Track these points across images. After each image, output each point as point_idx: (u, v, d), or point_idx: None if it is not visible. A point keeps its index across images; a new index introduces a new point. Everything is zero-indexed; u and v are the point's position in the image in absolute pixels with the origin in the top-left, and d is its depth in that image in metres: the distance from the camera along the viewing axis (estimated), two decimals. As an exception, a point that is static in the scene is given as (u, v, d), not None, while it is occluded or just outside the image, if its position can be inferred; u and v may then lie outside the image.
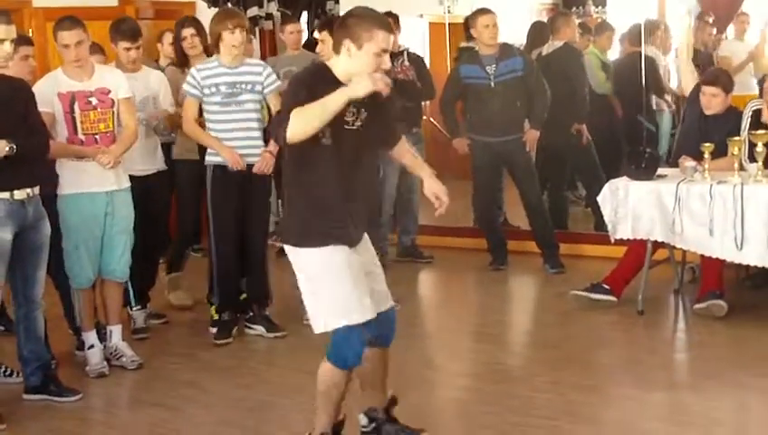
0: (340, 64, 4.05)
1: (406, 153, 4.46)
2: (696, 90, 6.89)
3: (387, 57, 4.03)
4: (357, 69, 3.97)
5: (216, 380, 5.74)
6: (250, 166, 6.17)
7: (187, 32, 6.91)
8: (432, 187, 4.26)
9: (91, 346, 5.81)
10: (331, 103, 3.89)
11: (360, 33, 3.97)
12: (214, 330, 6.48)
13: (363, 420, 4.55)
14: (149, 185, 6.33)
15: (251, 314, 6.51)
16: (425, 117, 8.58)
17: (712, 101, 6.72)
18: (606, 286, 6.68)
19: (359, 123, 4.10)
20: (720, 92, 6.70)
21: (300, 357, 6.07)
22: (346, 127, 4.06)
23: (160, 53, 8.43)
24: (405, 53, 7.91)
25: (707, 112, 6.76)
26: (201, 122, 6.27)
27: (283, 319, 6.54)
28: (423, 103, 8.35)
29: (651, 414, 5.02)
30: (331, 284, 4.08)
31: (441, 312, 7.43)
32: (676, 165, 6.78)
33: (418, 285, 7.88)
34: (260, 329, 6.47)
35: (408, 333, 6.52)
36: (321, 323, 4.13)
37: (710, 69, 7.13)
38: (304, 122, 3.88)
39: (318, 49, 6.54)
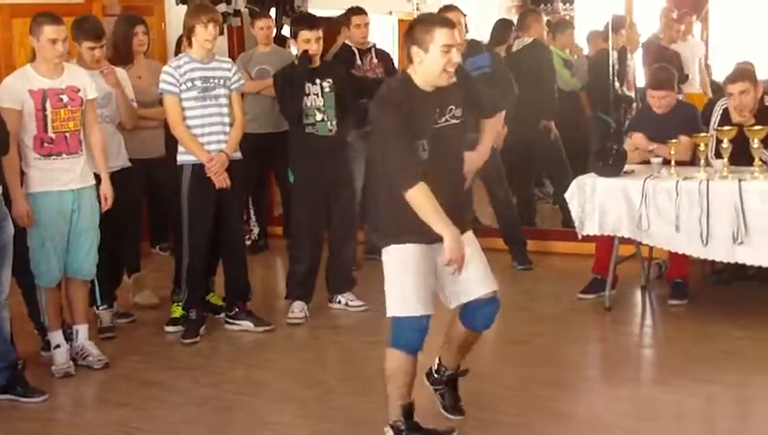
0: (417, 71, 4.29)
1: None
2: None
3: (455, 52, 4.25)
4: (431, 70, 4.23)
5: (183, 379, 5.71)
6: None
7: (140, 29, 6.88)
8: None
9: (57, 346, 5.77)
10: (435, 223, 4.18)
11: (422, 36, 4.23)
12: (170, 329, 6.50)
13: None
14: (114, 182, 6.27)
15: (235, 310, 6.51)
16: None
17: (661, 102, 6.81)
18: (604, 279, 6.67)
19: (453, 120, 4.35)
20: (668, 93, 6.78)
21: (267, 355, 6.08)
22: (436, 126, 4.30)
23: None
24: (372, 49, 7.90)
25: (659, 112, 6.82)
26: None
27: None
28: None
29: (619, 409, 5.05)
30: (404, 277, 4.33)
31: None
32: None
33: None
34: (246, 324, 6.47)
35: (375, 331, 6.53)
36: (390, 309, 4.38)
37: (653, 70, 7.17)
38: (417, 206, 4.18)
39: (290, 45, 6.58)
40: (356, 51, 7.78)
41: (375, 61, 7.85)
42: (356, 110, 7.09)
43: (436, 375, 4.82)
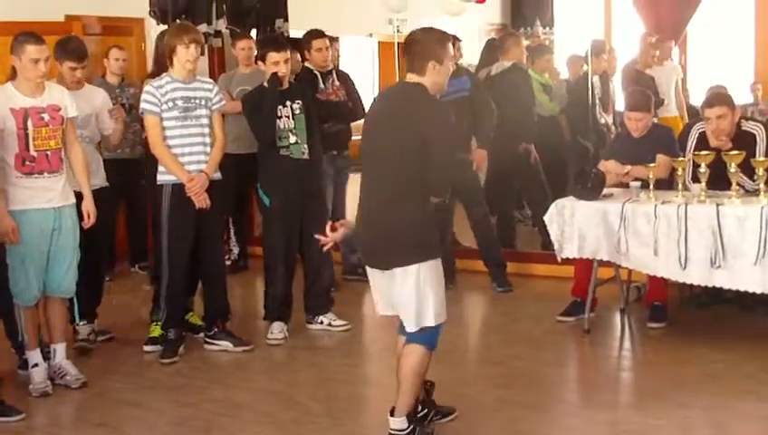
0: (429, 81, 4.62)
1: None
2: None
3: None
4: (440, 81, 4.67)
5: (162, 398, 5.70)
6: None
7: None
8: None
9: (35, 365, 5.74)
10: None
11: (440, 51, 4.61)
12: (148, 348, 6.48)
13: None
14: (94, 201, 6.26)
15: (214, 330, 6.50)
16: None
17: (638, 125, 6.87)
18: (584, 302, 6.70)
19: None
20: (645, 115, 6.84)
21: (246, 375, 6.06)
22: None
23: (107, 70, 8.40)
24: (333, 72, 7.87)
25: (635, 135, 6.88)
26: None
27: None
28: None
29: (596, 432, 5.06)
30: (439, 288, 4.64)
31: (387, 330, 7.39)
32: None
33: (365, 304, 7.86)
34: (225, 344, 6.46)
35: (353, 353, 6.55)
36: (431, 320, 4.59)
37: (630, 92, 7.30)
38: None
39: (268, 68, 6.58)
40: (318, 74, 7.76)
41: (337, 83, 7.81)
42: (322, 134, 7.08)
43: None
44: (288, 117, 6.58)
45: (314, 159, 6.73)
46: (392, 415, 4.64)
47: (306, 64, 7.82)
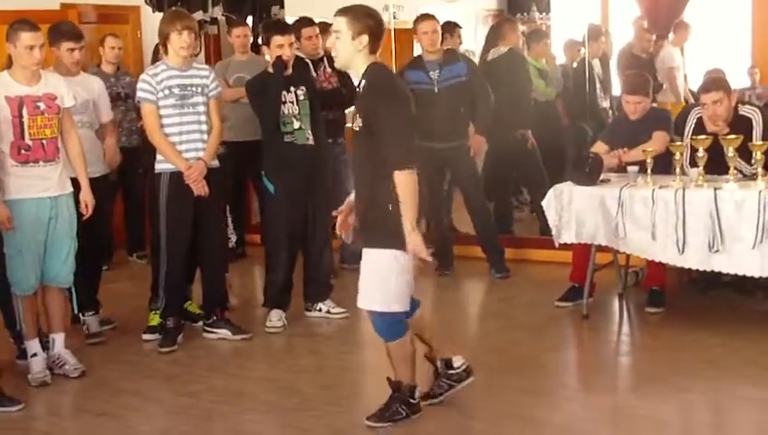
0: None
1: None
2: None
3: None
4: None
5: (161, 387, 5.70)
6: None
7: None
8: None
9: (34, 355, 5.74)
10: None
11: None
12: (147, 337, 6.48)
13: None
14: (93, 189, 6.24)
15: (213, 318, 6.50)
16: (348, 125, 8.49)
17: (637, 108, 6.86)
18: (582, 287, 6.70)
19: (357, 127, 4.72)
20: (643, 99, 6.84)
21: (245, 363, 6.06)
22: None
23: (102, 58, 8.38)
24: (325, 58, 7.84)
25: (633, 118, 6.88)
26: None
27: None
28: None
29: (595, 417, 5.08)
30: None
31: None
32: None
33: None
34: (224, 332, 6.46)
35: (352, 340, 6.55)
36: None
37: (628, 75, 7.30)
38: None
39: (279, 52, 6.55)
40: (309, 62, 7.71)
41: (329, 70, 7.76)
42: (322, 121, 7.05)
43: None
44: (292, 102, 6.56)
45: (318, 144, 6.71)
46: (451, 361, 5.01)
47: (297, 53, 7.78)
